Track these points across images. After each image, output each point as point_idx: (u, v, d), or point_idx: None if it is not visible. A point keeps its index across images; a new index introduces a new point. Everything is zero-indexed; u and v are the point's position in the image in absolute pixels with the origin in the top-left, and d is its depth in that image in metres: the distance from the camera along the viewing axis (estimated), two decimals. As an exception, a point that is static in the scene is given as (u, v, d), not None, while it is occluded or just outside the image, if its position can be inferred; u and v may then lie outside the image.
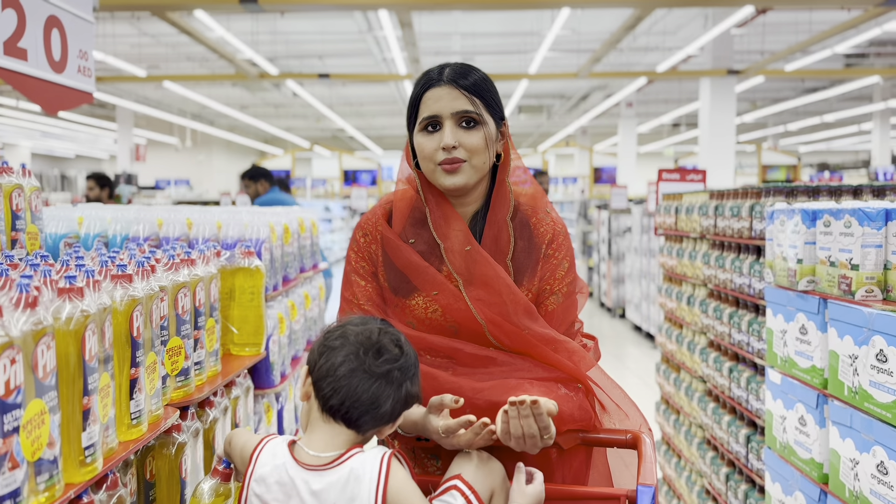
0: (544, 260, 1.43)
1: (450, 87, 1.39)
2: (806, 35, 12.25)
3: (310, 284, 2.89)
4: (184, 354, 1.54)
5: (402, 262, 1.43)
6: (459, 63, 1.44)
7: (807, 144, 26.63)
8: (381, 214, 1.50)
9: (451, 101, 1.38)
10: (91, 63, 2.80)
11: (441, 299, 1.39)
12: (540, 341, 1.36)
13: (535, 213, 1.47)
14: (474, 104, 1.39)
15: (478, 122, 1.39)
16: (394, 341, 1.21)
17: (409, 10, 7.51)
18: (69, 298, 1.08)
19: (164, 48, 12.97)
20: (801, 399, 1.83)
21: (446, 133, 1.38)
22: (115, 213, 2.15)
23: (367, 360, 1.17)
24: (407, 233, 1.45)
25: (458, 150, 1.38)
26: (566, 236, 1.46)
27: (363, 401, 1.15)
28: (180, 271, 1.56)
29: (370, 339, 1.19)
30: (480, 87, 1.40)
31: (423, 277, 1.41)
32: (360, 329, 1.20)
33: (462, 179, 1.39)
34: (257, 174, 5.92)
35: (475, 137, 1.38)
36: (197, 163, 23.61)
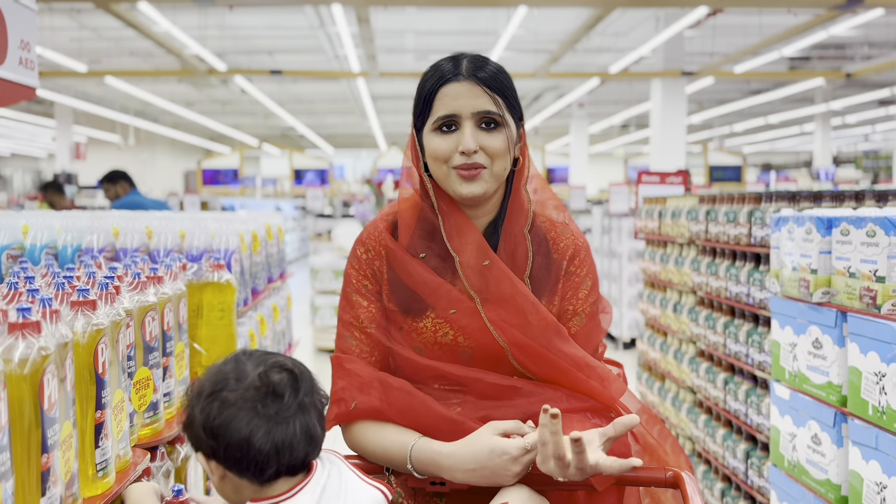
0: (565, 277, 1.30)
1: (471, 83, 1.23)
2: (755, 37, 12.48)
3: (277, 295, 2.71)
4: (152, 387, 1.35)
5: (413, 279, 1.28)
6: (475, 54, 1.28)
7: (751, 145, 27.32)
8: (385, 227, 1.33)
9: (472, 98, 1.22)
10: (34, 55, 2.55)
11: (459, 319, 1.24)
12: (571, 365, 1.22)
13: (554, 226, 1.34)
14: (497, 104, 1.23)
15: (500, 123, 1.24)
16: (275, 368, 1.03)
17: (366, 6, 7.32)
18: (22, 335, 0.89)
19: (106, 42, 12.45)
20: (815, 416, 1.74)
21: (466, 135, 1.22)
22: (64, 222, 1.93)
23: (272, 409, 1.00)
24: (416, 246, 1.29)
25: (479, 154, 1.22)
26: (588, 252, 1.33)
27: (300, 443, 1.01)
28: (146, 291, 1.37)
29: (255, 386, 1.01)
30: (503, 83, 1.25)
31: (437, 295, 1.26)
32: (232, 381, 1.01)
33: (481, 188, 1.24)
34: (116, 176, 5.87)
35: (497, 140, 1.23)
36: (140, 161, 22.89)
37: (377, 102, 19.10)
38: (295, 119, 20.25)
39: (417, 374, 1.27)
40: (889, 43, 12.94)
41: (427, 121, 1.27)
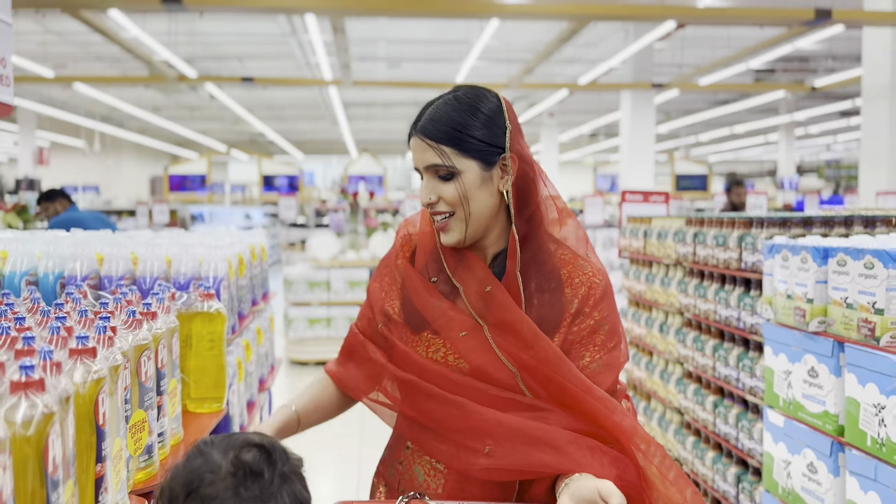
0: (578, 318, 1.28)
1: (418, 138, 1.28)
2: (724, 49, 12.70)
3: (261, 317, 2.65)
4: (147, 429, 1.30)
5: (421, 302, 1.32)
6: (445, 99, 1.30)
7: (717, 154, 27.77)
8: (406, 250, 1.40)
9: (421, 153, 1.28)
10: (9, 70, 2.47)
11: (467, 342, 1.26)
12: (581, 389, 1.22)
13: (575, 259, 1.32)
14: (443, 155, 1.26)
15: (454, 172, 1.26)
16: (244, 448, 0.98)
17: (341, 16, 7.27)
18: (25, 395, 0.84)
19: (72, 47, 12.22)
20: (811, 445, 1.75)
21: (423, 188, 1.29)
22: (45, 248, 1.86)
23: (256, 490, 0.95)
24: (429, 269, 1.34)
25: (439, 203, 1.28)
26: (606, 292, 1.31)
27: None
28: (142, 329, 1.32)
29: (231, 473, 0.96)
30: (451, 131, 1.25)
31: (446, 318, 1.28)
32: (207, 475, 0.96)
33: (453, 237, 1.29)
34: (53, 194, 5.79)
35: (450, 189, 1.27)
36: (105, 167, 22.46)
37: (348, 109, 19.01)
38: (264, 125, 20.06)
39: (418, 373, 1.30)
40: (851, 56, 13.27)
41: None
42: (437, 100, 1.31)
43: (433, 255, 1.35)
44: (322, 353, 6.78)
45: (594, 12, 8.02)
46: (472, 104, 1.27)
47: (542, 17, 8.89)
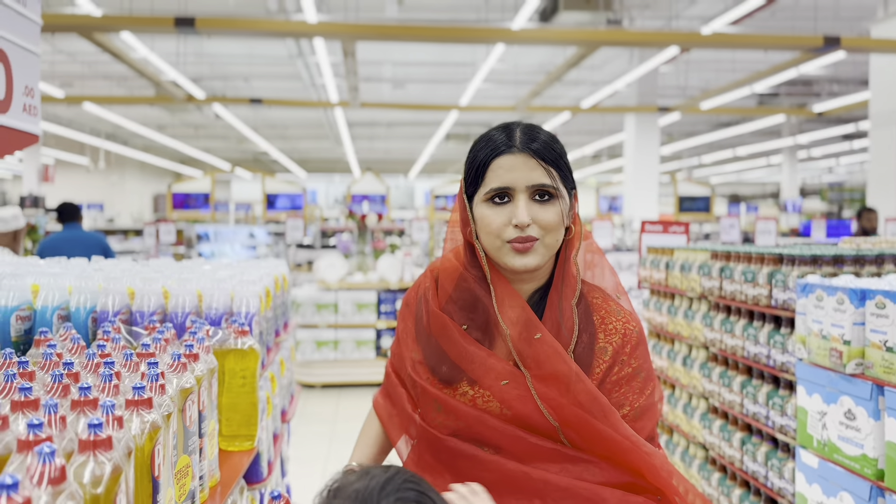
0: (616, 367, 1.24)
1: (525, 155, 1.22)
2: (728, 73, 12.78)
3: (283, 348, 2.64)
4: (191, 474, 1.29)
5: (457, 351, 1.26)
6: (527, 124, 1.27)
7: (719, 175, 27.84)
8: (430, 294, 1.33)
9: (527, 171, 1.21)
10: (37, 100, 2.48)
11: (509, 391, 1.22)
12: (625, 439, 1.19)
13: (607, 302, 1.29)
14: (551, 176, 1.22)
15: (554, 195, 1.22)
16: (407, 490, 0.92)
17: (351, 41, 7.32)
18: (93, 454, 0.84)
19: (80, 66, 12.29)
20: (848, 488, 1.73)
21: (520, 208, 1.20)
22: (77, 282, 1.86)
23: None
24: (453, 314, 1.29)
25: (532, 227, 1.21)
26: (641, 338, 1.28)
27: None
28: (185, 373, 1.31)
29: None
30: (557, 154, 1.24)
31: (485, 367, 1.24)
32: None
33: (535, 261, 1.22)
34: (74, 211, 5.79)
35: (551, 213, 1.21)
36: (110, 184, 22.51)
37: (352, 128, 19.08)
38: (268, 144, 20.13)
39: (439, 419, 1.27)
40: (855, 80, 13.35)
41: (479, 191, 1.25)
42: (516, 125, 1.27)
43: (461, 297, 1.28)
44: (329, 375, 6.75)
45: (600, 38, 8.09)
46: (556, 136, 1.27)
47: (549, 44, 8.96)
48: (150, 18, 6.65)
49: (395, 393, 1.40)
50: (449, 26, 8.67)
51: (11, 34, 2.28)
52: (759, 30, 10.12)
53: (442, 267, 1.35)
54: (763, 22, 10.04)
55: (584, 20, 10.15)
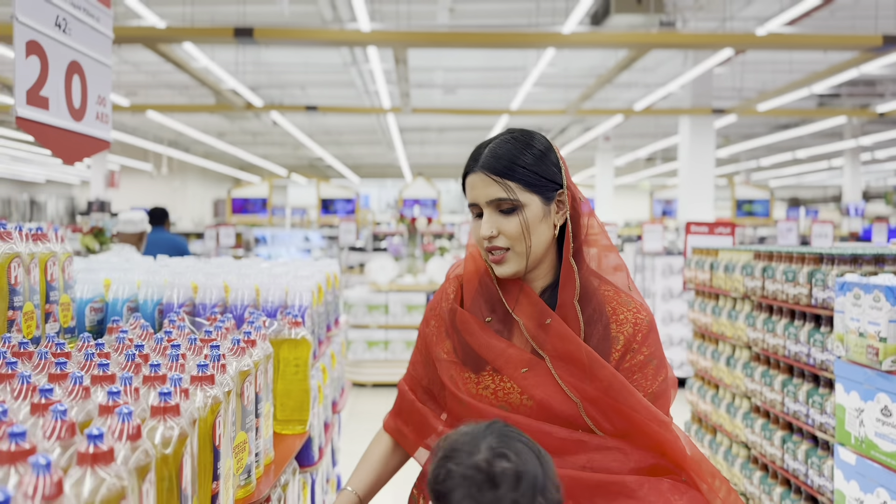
0: (628, 354, 1.31)
1: (481, 173, 1.33)
2: (785, 74, 12.51)
3: (334, 342, 2.76)
4: (247, 450, 1.40)
5: (479, 343, 1.35)
6: (504, 138, 1.36)
7: (778, 179, 27.16)
8: (454, 294, 1.44)
9: (484, 188, 1.32)
10: (108, 109, 2.67)
11: (529, 378, 1.30)
12: (646, 417, 1.25)
13: (618, 294, 1.36)
14: (507, 189, 1.31)
15: (515, 206, 1.31)
16: (503, 458, 1.03)
17: (402, 47, 7.47)
18: (164, 419, 0.95)
19: (144, 75, 12.79)
20: (884, 484, 1.75)
21: (483, 223, 1.33)
22: (145, 277, 2.01)
23: (486, 498, 1.00)
24: (480, 309, 1.38)
25: (499, 237, 1.32)
26: (651, 327, 1.34)
27: None
28: (244, 356, 1.43)
29: (477, 467, 1.02)
30: (514, 167, 1.31)
31: (505, 356, 1.33)
32: (463, 454, 1.04)
33: (510, 269, 1.34)
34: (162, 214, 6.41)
35: (513, 224, 1.31)
36: (172, 190, 23.28)
37: (404, 134, 19.32)
38: (323, 150, 20.53)
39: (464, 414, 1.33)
40: (920, 80, 12.90)
41: None
42: (492, 140, 1.36)
43: (483, 295, 1.38)
44: (380, 375, 6.90)
45: (650, 41, 8.05)
46: (528, 143, 1.34)
47: (599, 47, 8.95)
48: (211, 29, 6.93)
49: (408, 409, 1.49)
50: (499, 31, 8.75)
51: (87, 48, 2.47)
52: (816, 29, 9.90)
53: (465, 271, 1.45)
54: (822, 21, 9.81)
55: (636, 23, 10.10)
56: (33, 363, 1.18)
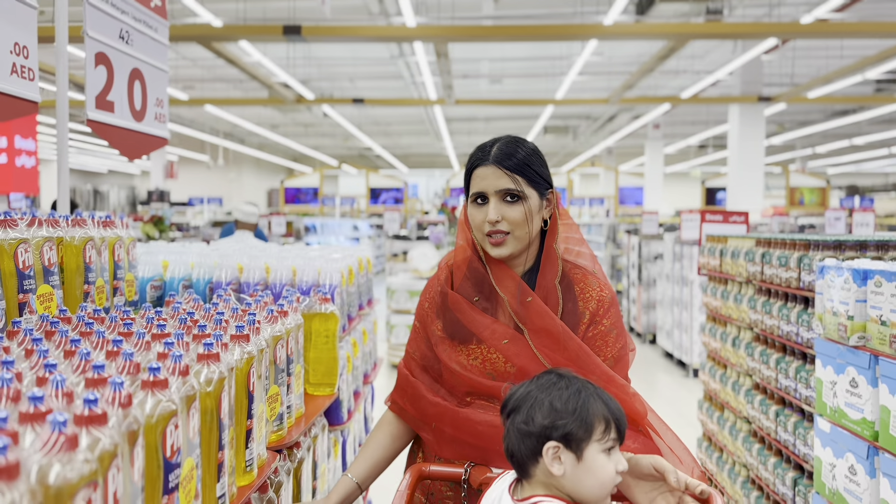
0: (592, 325, 1.55)
1: (494, 167, 1.54)
2: (837, 59, 12.27)
3: (366, 320, 3.03)
4: (280, 401, 1.67)
5: (468, 319, 1.58)
6: (508, 139, 1.58)
7: (836, 166, 26.44)
8: (445, 279, 1.66)
9: (495, 179, 1.53)
10: (165, 109, 2.98)
11: (510, 348, 1.53)
12: (604, 380, 1.47)
13: (585, 276, 1.59)
14: (516, 182, 1.53)
15: (520, 197, 1.53)
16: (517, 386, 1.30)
17: (444, 41, 7.69)
18: (207, 364, 1.22)
19: (200, 70, 13.31)
20: (852, 449, 1.92)
21: (491, 209, 1.53)
22: (197, 259, 2.30)
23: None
24: (468, 291, 1.61)
25: (502, 223, 1.53)
26: (613, 303, 1.57)
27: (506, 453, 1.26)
28: (277, 323, 1.69)
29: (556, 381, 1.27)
30: (523, 165, 1.54)
31: (490, 330, 1.56)
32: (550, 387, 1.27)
33: (507, 251, 1.55)
34: None
35: (516, 211, 1.53)
36: (228, 180, 24.00)
37: (451, 124, 19.54)
38: (372, 140, 20.89)
39: (457, 384, 1.57)
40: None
41: (468, 194, 1.60)
42: (497, 141, 1.59)
43: (470, 279, 1.61)
44: (422, 358, 7.18)
45: (692, 31, 8.07)
46: (529, 146, 1.58)
47: (641, 38, 8.99)
48: (261, 27, 7.26)
49: (403, 385, 1.68)
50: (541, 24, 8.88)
51: (146, 56, 2.78)
52: (866, 15, 9.72)
53: (455, 260, 1.68)
54: (874, 4, 9.63)
55: (682, 10, 10.08)
56: (106, 325, 1.47)
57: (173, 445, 1.04)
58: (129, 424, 0.93)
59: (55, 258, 1.65)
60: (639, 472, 1.35)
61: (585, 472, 1.20)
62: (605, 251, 11.76)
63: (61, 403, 0.91)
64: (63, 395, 0.93)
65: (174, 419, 1.04)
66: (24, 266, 1.53)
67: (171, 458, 1.04)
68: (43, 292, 1.59)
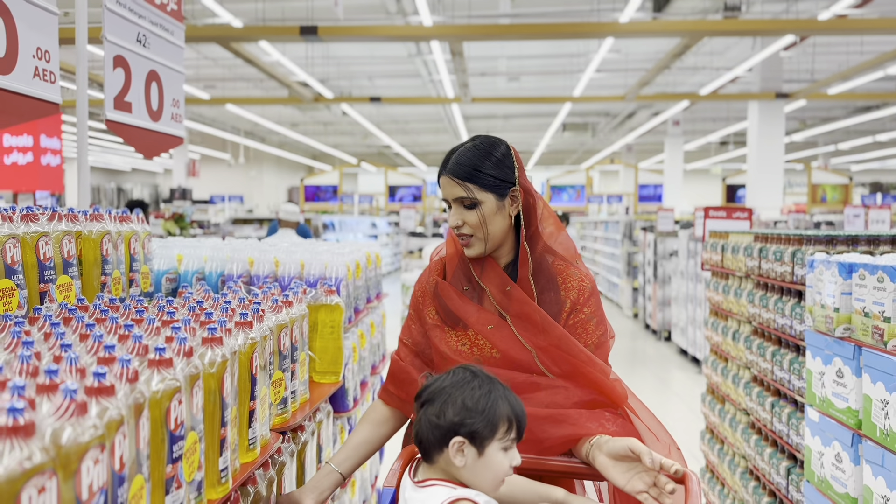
0: (573, 313, 1.63)
1: (447, 177, 1.65)
2: (857, 55, 12.16)
3: (374, 313, 3.12)
4: (284, 385, 1.77)
5: (456, 306, 1.68)
6: (468, 146, 1.67)
7: (860, 163, 26.13)
8: (438, 272, 1.77)
9: (450, 188, 1.65)
10: (181, 109, 3.10)
11: (495, 333, 1.63)
12: (585, 362, 1.56)
13: (567, 266, 1.68)
14: (468, 190, 1.63)
15: (475, 202, 1.63)
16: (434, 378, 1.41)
17: (459, 41, 7.76)
18: (211, 346, 1.31)
19: (221, 69, 13.51)
20: (838, 437, 1.98)
21: (451, 215, 1.66)
22: (210, 253, 2.41)
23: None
24: (459, 281, 1.71)
25: (464, 227, 1.65)
26: (593, 291, 1.66)
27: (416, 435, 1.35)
28: (281, 312, 1.79)
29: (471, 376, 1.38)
30: (473, 172, 1.63)
31: (476, 316, 1.66)
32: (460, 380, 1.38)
33: (474, 251, 1.67)
34: None
35: (472, 217, 1.63)
36: (249, 178, 24.25)
37: (469, 122, 19.60)
38: (391, 138, 21.01)
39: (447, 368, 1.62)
40: None
41: None
42: (459, 147, 1.70)
43: (461, 270, 1.72)
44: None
45: (708, 28, 8.07)
46: (486, 150, 1.66)
47: (657, 36, 8.99)
48: (278, 28, 7.38)
49: (394, 371, 1.78)
50: (556, 23, 8.91)
51: (163, 58, 2.89)
52: (889, 10, 9.64)
53: (447, 253, 1.78)
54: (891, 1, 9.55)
55: (700, 6, 10.06)
56: (120, 312, 1.57)
57: (177, 419, 1.13)
58: (135, 398, 1.02)
59: (74, 251, 1.75)
60: (615, 454, 1.42)
61: (484, 466, 1.31)
62: (622, 248, 11.77)
63: (74, 377, 1.01)
64: (76, 370, 1.03)
65: (178, 395, 1.14)
66: (45, 258, 1.63)
67: (175, 431, 1.13)
68: (62, 282, 1.70)
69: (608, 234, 13.32)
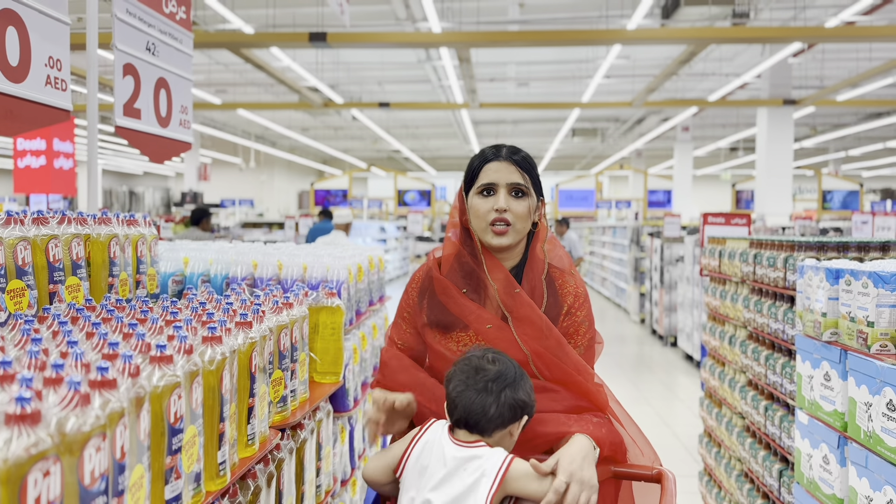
0: (567, 316, 1.70)
1: (507, 162, 1.70)
2: (866, 62, 12.15)
3: (376, 316, 3.18)
4: (283, 384, 1.83)
5: (456, 305, 1.72)
6: (513, 148, 1.75)
7: (870, 170, 26.01)
8: (431, 270, 1.80)
9: (507, 174, 1.69)
10: (190, 115, 3.17)
11: (493, 333, 1.67)
12: (574, 370, 1.62)
13: (562, 274, 1.75)
14: (525, 178, 1.70)
15: (526, 193, 1.69)
16: (490, 360, 1.51)
17: (467, 47, 7.83)
18: (211, 345, 1.37)
19: (232, 74, 13.64)
20: (825, 439, 2.02)
21: (500, 198, 1.68)
22: (216, 255, 2.47)
23: (470, 381, 1.49)
24: (455, 282, 1.75)
25: (508, 213, 1.68)
26: (586, 299, 1.74)
27: (475, 410, 1.47)
28: (282, 314, 1.85)
29: (471, 363, 1.51)
30: (529, 165, 1.72)
31: (476, 315, 1.70)
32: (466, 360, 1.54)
33: (507, 240, 1.70)
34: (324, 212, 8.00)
35: (522, 205, 1.69)
36: (259, 182, 24.39)
37: (479, 127, 19.67)
38: (400, 143, 21.10)
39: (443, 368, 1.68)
40: None
41: (473, 186, 1.73)
42: (504, 145, 1.76)
43: (459, 270, 1.74)
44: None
45: (716, 36, 8.10)
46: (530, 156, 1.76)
47: (664, 43, 9.03)
48: (287, 34, 7.47)
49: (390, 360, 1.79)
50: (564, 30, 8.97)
51: (172, 66, 2.97)
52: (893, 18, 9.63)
53: (444, 253, 1.81)
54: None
55: (708, 13, 10.09)
56: (126, 312, 1.64)
57: (176, 413, 1.19)
58: (136, 391, 1.09)
59: (82, 253, 1.82)
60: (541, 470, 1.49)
61: (512, 441, 1.53)
62: (630, 253, 11.79)
63: (79, 371, 1.08)
64: (81, 364, 1.09)
65: (178, 390, 1.20)
66: (55, 260, 1.70)
67: (175, 424, 1.19)
68: (71, 283, 1.76)
69: (616, 240, 13.34)
